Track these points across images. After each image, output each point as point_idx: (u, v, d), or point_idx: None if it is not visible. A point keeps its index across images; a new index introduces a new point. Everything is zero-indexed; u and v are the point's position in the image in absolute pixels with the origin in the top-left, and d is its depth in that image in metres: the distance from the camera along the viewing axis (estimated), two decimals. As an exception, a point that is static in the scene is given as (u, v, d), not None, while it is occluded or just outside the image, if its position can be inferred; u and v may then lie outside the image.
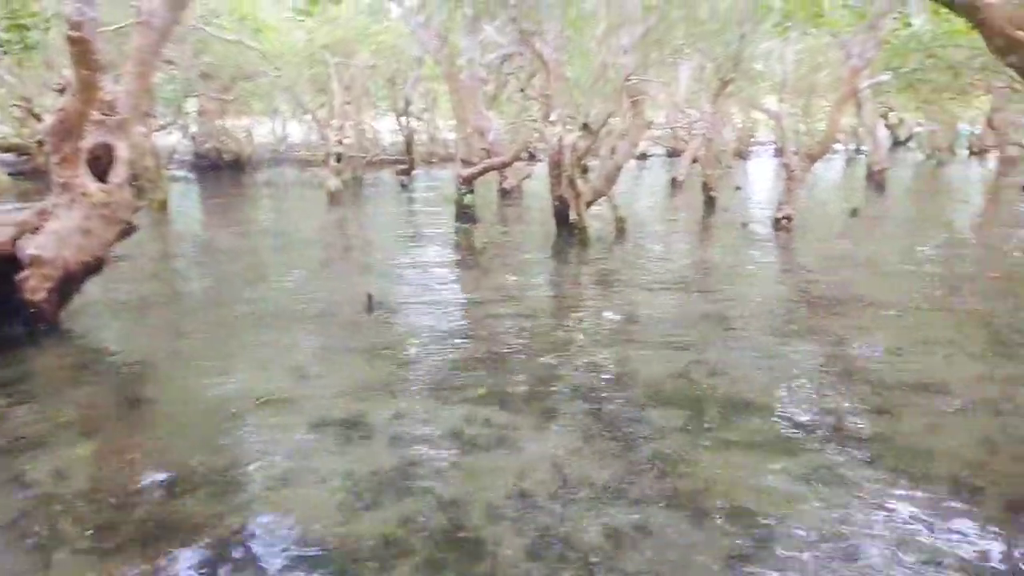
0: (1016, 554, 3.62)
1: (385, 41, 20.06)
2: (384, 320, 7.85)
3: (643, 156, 33.81)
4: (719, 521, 3.88)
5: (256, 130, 32.30)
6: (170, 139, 24.14)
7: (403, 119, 27.67)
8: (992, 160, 33.49)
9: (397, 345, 6.99)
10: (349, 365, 6.42)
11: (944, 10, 5.52)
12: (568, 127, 12.71)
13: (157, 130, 18.73)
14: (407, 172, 26.46)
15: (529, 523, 3.85)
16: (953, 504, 4.04)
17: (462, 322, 8.04)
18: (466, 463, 4.53)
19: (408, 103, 27.21)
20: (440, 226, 14.99)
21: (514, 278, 10.12)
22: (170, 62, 18.59)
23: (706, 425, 5.10)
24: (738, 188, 22.02)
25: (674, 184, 22.75)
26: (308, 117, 23.28)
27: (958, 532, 3.78)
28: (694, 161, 21.72)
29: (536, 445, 4.77)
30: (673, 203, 20.01)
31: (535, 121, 14.59)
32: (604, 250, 12.29)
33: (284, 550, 3.64)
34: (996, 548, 3.66)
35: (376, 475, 4.35)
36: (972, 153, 38.74)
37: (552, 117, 12.66)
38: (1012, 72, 3.70)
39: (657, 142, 36.37)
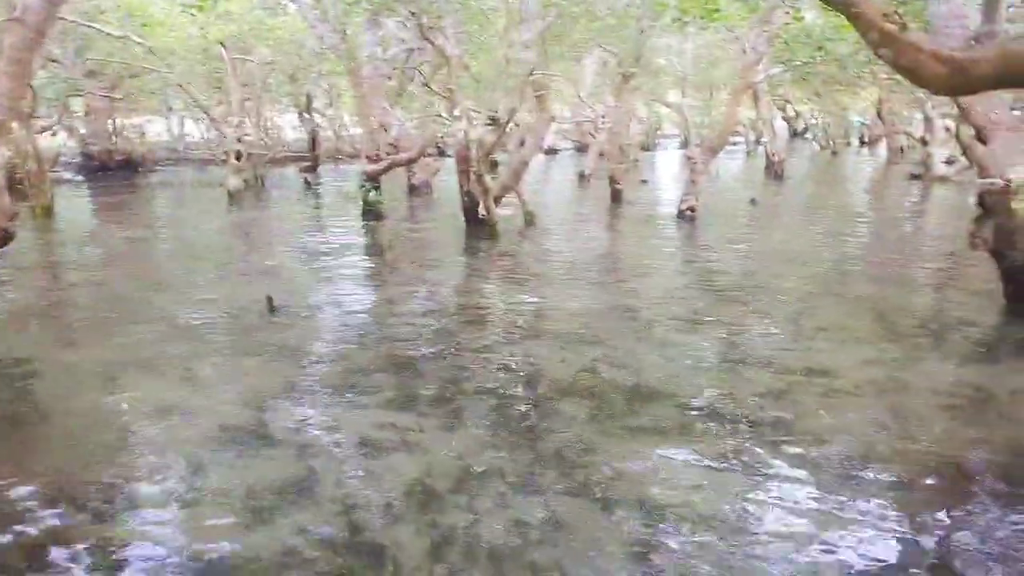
0: (906, 527, 3.76)
1: (283, 36, 19.48)
2: (286, 324, 7.62)
3: (552, 151, 34.03)
4: (625, 510, 3.91)
5: (151, 129, 30.94)
6: (55, 140, 22.79)
7: (306, 115, 27.07)
8: (882, 149, 35.19)
9: (300, 349, 6.79)
10: (249, 371, 6.19)
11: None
12: (474, 122, 12.65)
13: (40, 131, 17.64)
14: (312, 169, 25.87)
15: (432, 523, 3.78)
16: (847, 483, 4.19)
17: (367, 323, 7.89)
18: (370, 467, 4.42)
19: (311, 99, 26.61)
20: (346, 224, 14.72)
21: (421, 275, 10.00)
22: (54, 60, 17.60)
23: (613, 416, 5.14)
24: (644, 181, 22.40)
25: (582, 178, 22.97)
26: (203, 115, 22.37)
27: (853, 510, 3.91)
28: (601, 155, 21.97)
29: (442, 445, 4.70)
30: (581, 197, 20.22)
31: (441, 116, 14.45)
32: (513, 245, 12.31)
33: (180, 570, 3.47)
34: (887, 524, 3.80)
35: (277, 485, 4.19)
36: (864, 143, 40.62)
37: (456, 112, 12.57)
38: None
39: (566, 136, 36.68)
